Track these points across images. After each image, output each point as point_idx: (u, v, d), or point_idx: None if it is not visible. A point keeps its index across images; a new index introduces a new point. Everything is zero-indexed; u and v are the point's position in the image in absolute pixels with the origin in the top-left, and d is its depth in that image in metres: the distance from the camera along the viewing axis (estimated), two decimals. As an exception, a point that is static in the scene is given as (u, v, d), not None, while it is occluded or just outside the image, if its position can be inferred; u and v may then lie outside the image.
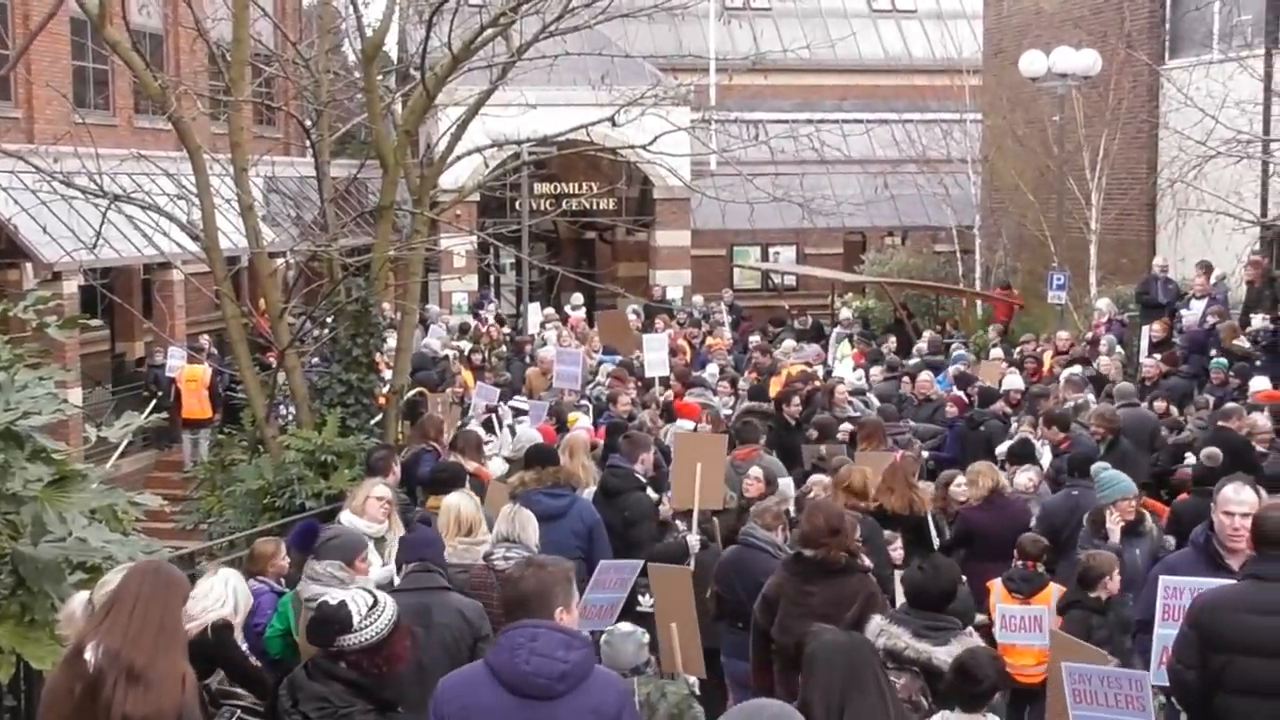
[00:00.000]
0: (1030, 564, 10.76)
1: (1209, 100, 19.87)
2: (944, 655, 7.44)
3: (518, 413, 17.44)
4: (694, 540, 11.41)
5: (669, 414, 17.63)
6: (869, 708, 5.44)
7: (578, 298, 31.80)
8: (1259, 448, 14.72)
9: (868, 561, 9.48)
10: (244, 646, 8.13)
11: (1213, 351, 20.13)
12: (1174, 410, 17.38)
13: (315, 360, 17.46)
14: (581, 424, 15.85)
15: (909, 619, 7.70)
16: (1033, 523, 12.80)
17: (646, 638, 8.50)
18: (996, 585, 10.78)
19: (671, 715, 8.07)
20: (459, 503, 9.73)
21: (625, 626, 8.56)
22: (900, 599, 8.84)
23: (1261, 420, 15.29)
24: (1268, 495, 8.92)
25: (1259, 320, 20.88)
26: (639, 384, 19.59)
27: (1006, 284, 30.92)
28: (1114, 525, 11.38)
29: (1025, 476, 13.56)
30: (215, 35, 16.75)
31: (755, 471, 12.81)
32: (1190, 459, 14.52)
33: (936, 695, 7.27)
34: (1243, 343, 20.74)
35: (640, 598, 10.52)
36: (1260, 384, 17.98)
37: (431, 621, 7.64)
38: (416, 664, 6.96)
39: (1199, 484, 12.91)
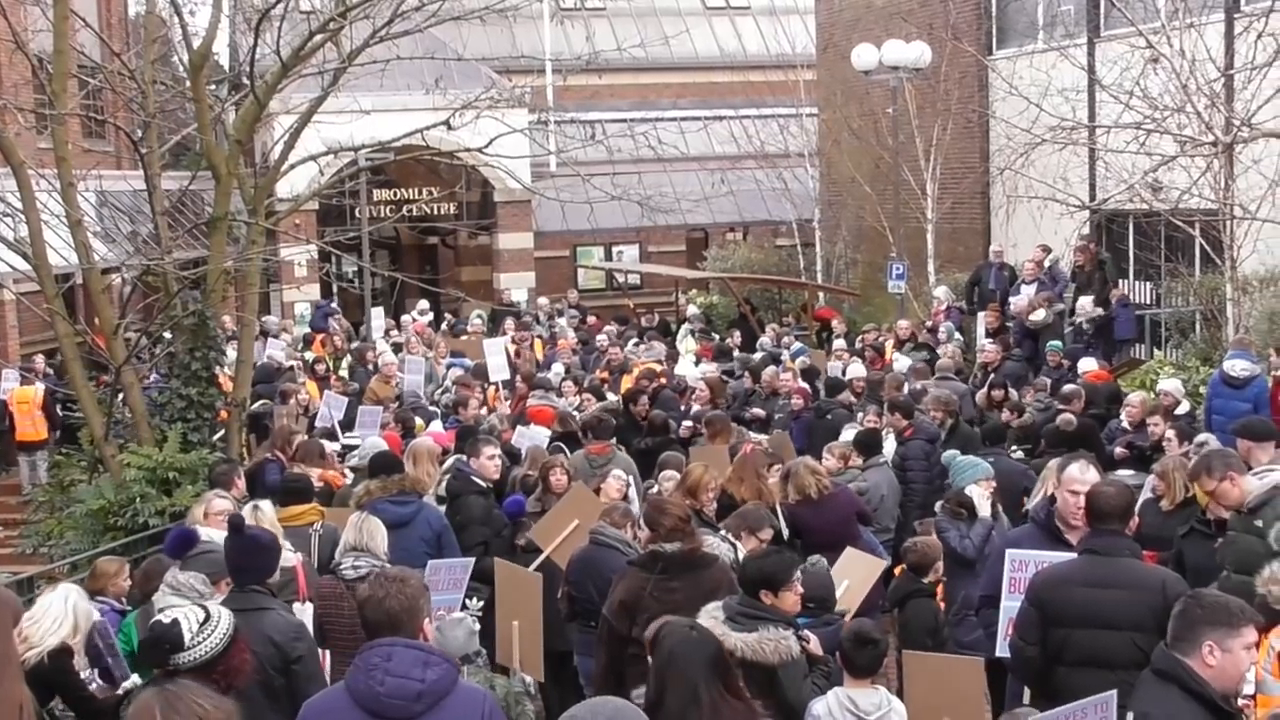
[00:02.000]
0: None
1: (1033, 89, 20.28)
2: (735, 640, 7.47)
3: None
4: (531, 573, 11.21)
5: (522, 417, 17.64)
6: (713, 702, 5.43)
7: (423, 304, 31.62)
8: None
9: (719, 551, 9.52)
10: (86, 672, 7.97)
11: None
12: (1012, 394, 17.73)
13: (154, 376, 17.15)
14: (433, 429, 15.74)
15: (731, 604, 7.68)
16: (870, 504, 13.08)
17: (477, 625, 8.40)
18: None
19: (500, 707, 7.99)
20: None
21: (456, 614, 8.45)
22: None
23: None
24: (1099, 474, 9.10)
25: (1085, 305, 21.44)
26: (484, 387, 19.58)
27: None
28: (984, 501, 11.59)
29: (829, 461, 13.65)
30: (36, 47, 16.36)
31: (618, 472, 12.81)
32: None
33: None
34: (1039, 315, 21.27)
35: (467, 601, 10.45)
36: (1088, 364, 18.48)
37: None
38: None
39: (1054, 447, 13.49)
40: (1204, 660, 5.82)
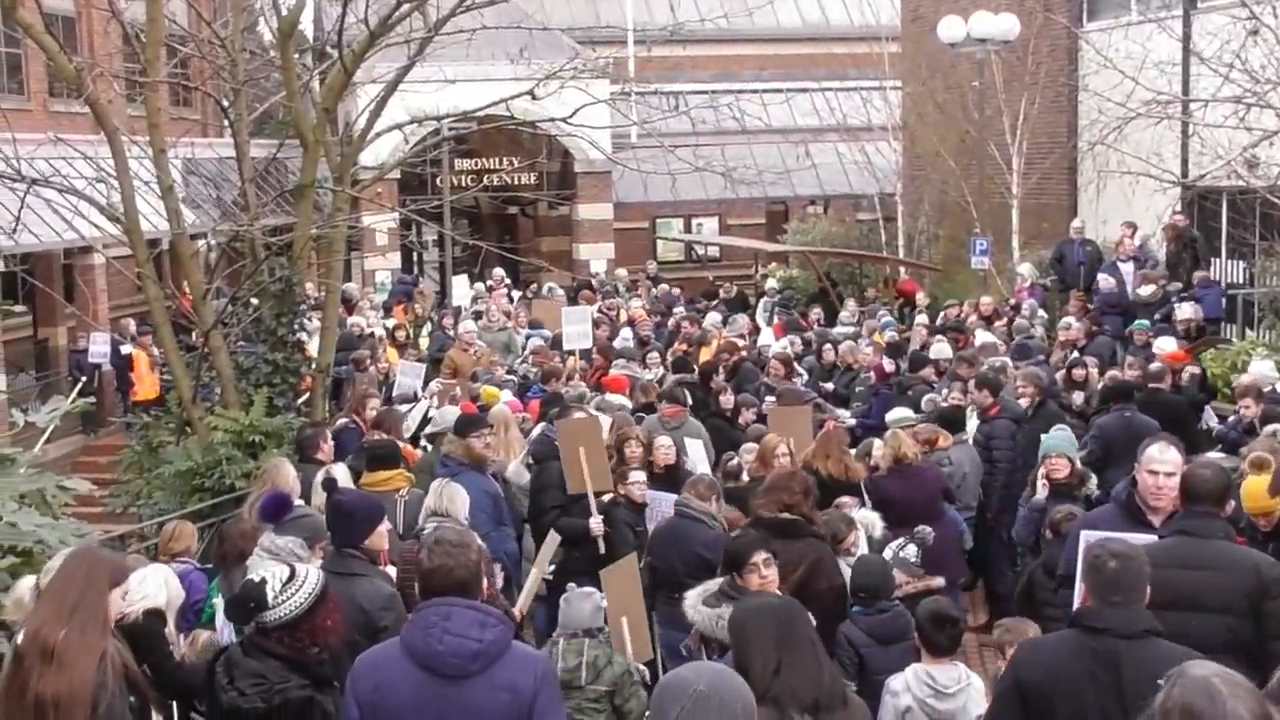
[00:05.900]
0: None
1: (1128, 62, 19.93)
2: (702, 613, 7.59)
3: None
4: (595, 523, 11.45)
5: (598, 387, 17.68)
6: (804, 665, 5.47)
7: (499, 272, 31.69)
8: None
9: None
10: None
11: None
12: (1093, 374, 17.38)
13: (240, 341, 17.35)
14: (504, 399, 15.85)
15: (724, 584, 7.76)
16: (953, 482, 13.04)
17: (605, 602, 8.56)
18: None
19: (614, 682, 8.09)
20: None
21: (586, 588, 8.68)
22: None
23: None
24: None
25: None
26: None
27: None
28: (1041, 482, 11.52)
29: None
30: (129, 16, 16.55)
31: (663, 439, 12.98)
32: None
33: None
34: (1146, 290, 20.99)
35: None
36: (1165, 344, 18.11)
37: None
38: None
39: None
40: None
